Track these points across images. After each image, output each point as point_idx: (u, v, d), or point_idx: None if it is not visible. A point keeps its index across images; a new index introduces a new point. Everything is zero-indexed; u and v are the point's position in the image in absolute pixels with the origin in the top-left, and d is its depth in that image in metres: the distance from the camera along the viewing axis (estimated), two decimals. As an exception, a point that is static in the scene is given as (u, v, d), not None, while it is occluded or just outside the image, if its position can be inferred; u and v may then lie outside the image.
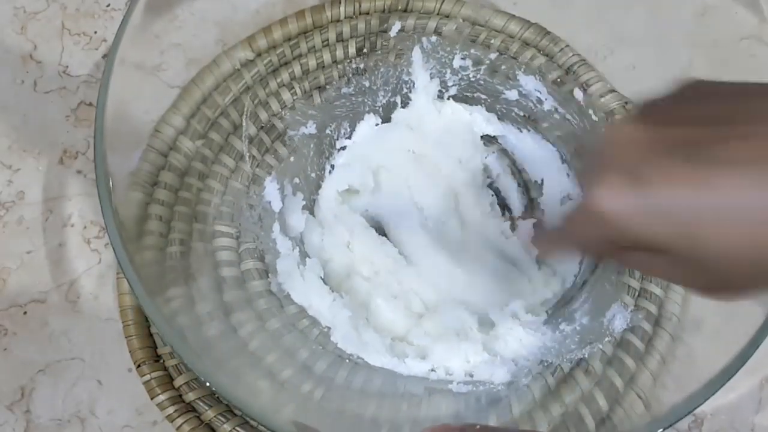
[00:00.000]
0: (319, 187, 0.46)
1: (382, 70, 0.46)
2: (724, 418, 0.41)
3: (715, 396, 0.30)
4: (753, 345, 0.30)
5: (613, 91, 0.45)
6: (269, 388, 0.36)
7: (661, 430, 0.29)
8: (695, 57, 0.41)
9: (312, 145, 0.45)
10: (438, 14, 0.47)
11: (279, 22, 0.46)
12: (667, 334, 0.39)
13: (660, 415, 0.31)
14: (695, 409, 0.30)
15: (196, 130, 0.40)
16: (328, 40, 0.46)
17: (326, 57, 0.46)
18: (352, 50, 0.46)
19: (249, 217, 0.41)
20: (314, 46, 0.46)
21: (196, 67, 0.41)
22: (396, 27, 0.46)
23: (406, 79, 0.47)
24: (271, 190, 0.43)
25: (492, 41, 0.46)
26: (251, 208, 0.42)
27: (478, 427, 0.26)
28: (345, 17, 0.47)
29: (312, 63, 0.45)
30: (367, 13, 0.48)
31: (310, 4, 0.47)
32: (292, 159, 0.44)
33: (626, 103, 0.44)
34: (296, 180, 0.44)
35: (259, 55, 0.45)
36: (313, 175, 0.46)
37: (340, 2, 0.47)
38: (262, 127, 0.44)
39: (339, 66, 0.46)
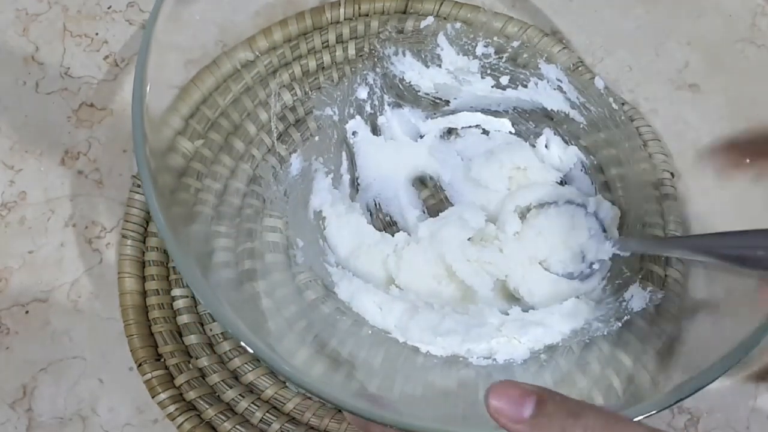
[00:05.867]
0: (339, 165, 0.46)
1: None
2: (719, 416, 0.41)
3: (711, 394, 0.29)
4: (753, 341, 0.30)
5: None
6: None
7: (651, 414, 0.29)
8: (691, 58, 0.41)
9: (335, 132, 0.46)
10: (437, 16, 0.48)
11: (279, 23, 0.46)
12: (665, 333, 0.39)
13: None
14: (686, 398, 0.29)
15: (195, 130, 0.40)
16: (327, 41, 0.47)
17: (326, 58, 0.46)
18: (351, 51, 0.47)
19: (276, 191, 0.42)
20: (314, 47, 0.46)
21: (195, 67, 0.41)
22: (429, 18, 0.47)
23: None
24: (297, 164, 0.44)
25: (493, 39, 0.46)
26: (276, 181, 0.42)
27: (558, 398, 0.24)
28: (344, 19, 0.47)
29: (312, 64, 0.46)
30: (367, 15, 0.48)
31: (309, 5, 0.47)
32: (317, 138, 0.45)
33: (623, 103, 0.44)
34: (321, 158, 0.45)
35: (259, 56, 0.45)
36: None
37: (339, 4, 0.47)
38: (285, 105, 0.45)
39: (352, 62, 0.47)
